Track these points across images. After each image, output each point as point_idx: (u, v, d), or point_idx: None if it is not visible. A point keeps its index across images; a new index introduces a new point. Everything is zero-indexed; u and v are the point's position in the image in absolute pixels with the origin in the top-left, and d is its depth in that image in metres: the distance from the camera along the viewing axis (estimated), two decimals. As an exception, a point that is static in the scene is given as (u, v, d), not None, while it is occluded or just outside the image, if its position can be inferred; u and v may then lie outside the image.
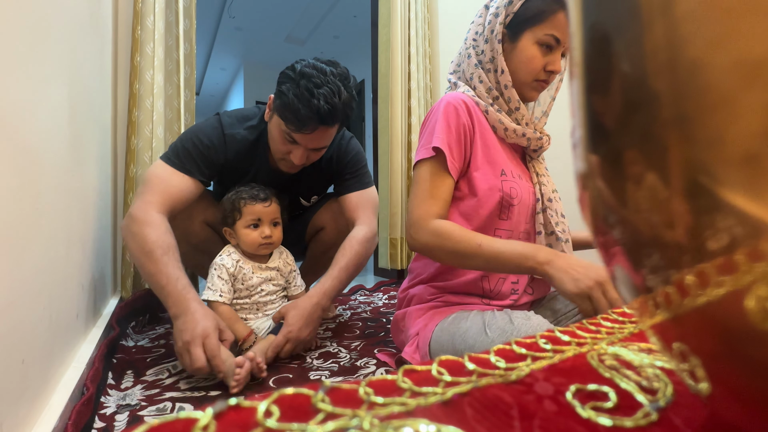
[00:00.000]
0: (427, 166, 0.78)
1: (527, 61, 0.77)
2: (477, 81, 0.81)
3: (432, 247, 0.74)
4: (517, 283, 0.81)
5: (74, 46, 0.84)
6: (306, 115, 0.92)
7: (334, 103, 0.92)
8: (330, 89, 0.92)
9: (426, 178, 0.77)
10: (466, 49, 0.84)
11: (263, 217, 0.97)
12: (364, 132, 4.64)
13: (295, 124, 0.94)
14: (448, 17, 2.15)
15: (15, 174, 0.50)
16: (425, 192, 0.77)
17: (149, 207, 0.90)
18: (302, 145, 1.00)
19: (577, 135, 0.15)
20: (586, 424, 0.16)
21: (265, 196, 0.99)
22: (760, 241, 0.09)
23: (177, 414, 0.14)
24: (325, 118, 0.93)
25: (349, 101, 0.97)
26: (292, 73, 0.95)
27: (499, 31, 0.78)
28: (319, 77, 0.92)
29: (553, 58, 0.77)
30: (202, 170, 1.01)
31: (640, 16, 0.11)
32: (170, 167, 0.97)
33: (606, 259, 0.15)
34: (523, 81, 0.79)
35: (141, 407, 0.70)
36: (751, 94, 0.09)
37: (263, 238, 0.96)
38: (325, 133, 0.98)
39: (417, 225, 0.76)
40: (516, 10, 0.77)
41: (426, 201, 0.76)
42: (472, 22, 0.84)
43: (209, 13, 4.22)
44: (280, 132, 0.99)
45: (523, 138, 0.82)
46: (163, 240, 0.87)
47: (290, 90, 0.93)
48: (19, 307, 0.50)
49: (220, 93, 6.69)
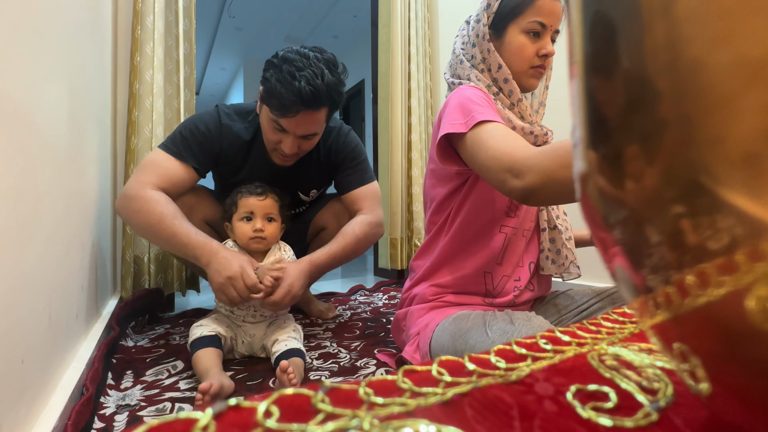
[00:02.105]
0: (482, 130, 0.68)
1: (518, 51, 0.77)
2: (475, 80, 0.81)
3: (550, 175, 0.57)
4: (519, 281, 0.82)
5: (74, 45, 0.84)
6: (288, 99, 0.91)
7: (317, 84, 0.91)
8: (312, 72, 0.92)
9: (491, 133, 0.66)
10: (456, 56, 0.84)
11: (256, 210, 0.95)
12: (364, 132, 4.63)
13: (279, 109, 0.94)
14: (448, 17, 2.15)
15: (15, 174, 0.50)
16: (508, 139, 0.64)
17: (144, 185, 0.93)
18: (290, 133, 0.99)
19: (577, 134, 0.15)
20: (586, 425, 0.16)
21: (261, 191, 0.97)
22: (760, 241, 0.09)
23: (177, 414, 0.14)
24: (308, 100, 0.92)
25: (333, 84, 0.95)
26: (276, 60, 0.95)
27: (485, 32, 0.78)
28: (302, 61, 0.93)
29: (544, 43, 0.77)
30: (198, 157, 1.02)
31: (641, 15, 0.11)
32: (166, 153, 1.00)
33: (606, 259, 0.15)
34: (519, 71, 0.79)
35: (140, 407, 0.70)
36: (752, 94, 0.09)
37: (254, 231, 0.94)
38: (310, 117, 0.97)
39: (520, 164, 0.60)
40: (495, 9, 0.77)
41: (514, 142, 0.64)
42: (457, 36, 0.85)
43: (209, 13, 4.22)
44: (269, 121, 1.00)
45: (530, 135, 0.82)
46: (169, 208, 0.91)
47: (273, 75, 0.93)
48: (19, 307, 0.50)
49: (220, 93, 6.69)
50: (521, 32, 0.76)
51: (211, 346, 0.85)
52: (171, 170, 0.98)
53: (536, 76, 0.80)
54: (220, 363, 0.83)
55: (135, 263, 1.35)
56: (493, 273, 0.80)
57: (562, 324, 0.85)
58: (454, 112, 0.73)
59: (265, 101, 0.98)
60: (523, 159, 0.61)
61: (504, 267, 0.80)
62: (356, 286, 1.78)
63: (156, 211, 0.89)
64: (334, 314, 1.32)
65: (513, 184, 0.61)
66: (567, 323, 0.80)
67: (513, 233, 0.79)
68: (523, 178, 0.60)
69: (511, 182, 0.62)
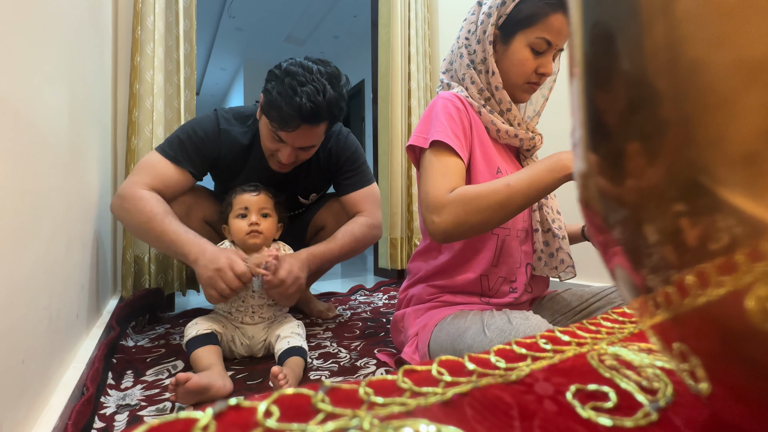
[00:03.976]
0: (433, 153, 0.75)
1: (519, 63, 0.77)
2: (469, 82, 0.81)
3: (462, 218, 0.68)
4: (515, 282, 0.81)
5: (74, 46, 0.84)
6: (288, 113, 0.92)
7: (318, 101, 0.92)
8: (314, 87, 0.92)
9: (434, 162, 0.74)
10: (459, 48, 0.83)
11: (250, 206, 0.96)
12: (364, 132, 4.64)
13: (279, 122, 0.95)
14: (448, 17, 2.15)
15: (15, 174, 0.50)
16: (438, 173, 0.72)
17: (137, 186, 0.95)
18: (289, 144, 1.00)
19: (577, 135, 0.15)
20: (586, 425, 0.16)
21: (254, 188, 0.98)
22: (760, 241, 0.09)
23: (177, 414, 0.14)
24: (308, 116, 0.92)
25: (335, 100, 0.95)
26: (278, 71, 0.95)
27: (491, 32, 0.77)
28: (305, 75, 0.92)
29: (545, 61, 0.77)
30: (193, 162, 1.03)
31: (641, 15, 0.11)
32: (161, 156, 1.01)
33: (606, 259, 0.15)
34: (515, 83, 0.79)
35: (141, 407, 0.70)
36: (752, 94, 0.09)
37: (249, 226, 0.94)
38: (309, 131, 0.98)
39: (436, 205, 0.70)
40: (509, 11, 0.76)
41: (440, 180, 0.72)
42: (465, 20, 0.84)
43: (209, 13, 4.22)
44: (267, 130, 1.00)
45: (515, 139, 0.83)
46: (159, 207, 0.92)
47: (275, 88, 0.93)
48: (19, 307, 0.50)
49: (220, 93, 6.69)
50: (526, 45, 0.76)
51: (208, 344, 0.84)
52: (165, 173, 0.99)
53: (528, 92, 0.81)
54: (220, 361, 0.83)
55: (135, 263, 1.35)
56: (489, 275, 0.80)
57: (561, 324, 0.85)
58: (424, 123, 0.78)
59: (264, 112, 0.98)
60: (433, 202, 0.70)
61: (499, 269, 0.80)
62: (356, 286, 1.78)
63: (146, 209, 0.90)
64: (334, 314, 1.32)
65: (433, 225, 0.70)
66: (566, 323, 0.80)
67: (506, 234, 0.79)
68: (438, 222, 0.69)
69: (431, 222, 0.71)
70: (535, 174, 0.66)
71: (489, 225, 0.69)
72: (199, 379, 0.68)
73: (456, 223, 0.68)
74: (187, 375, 0.67)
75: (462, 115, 0.77)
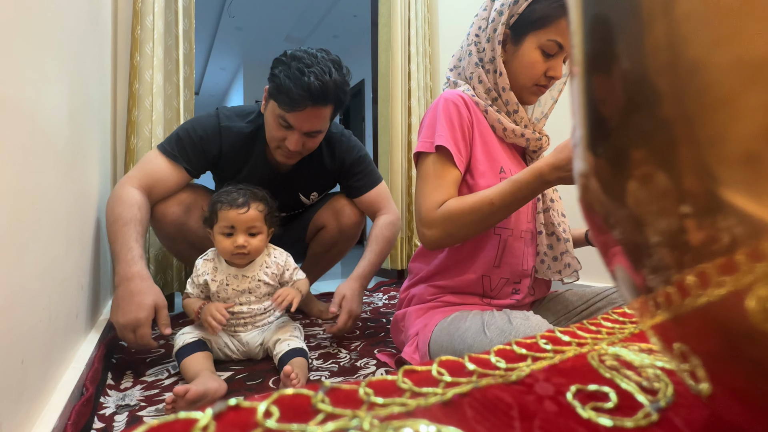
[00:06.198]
0: (431, 161, 0.76)
1: (529, 65, 0.77)
2: (476, 81, 0.81)
3: (448, 231, 0.73)
4: (519, 283, 0.81)
5: (74, 45, 0.84)
6: (298, 94, 0.94)
7: (325, 80, 0.94)
8: (321, 68, 0.95)
9: (430, 171, 0.76)
10: (468, 45, 0.83)
11: (237, 225, 0.88)
12: (364, 132, 4.63)
13: (288, 104, 0.96)
14: (448, 17, 2.15)
15: (15, 174, 0.50)
16: (431, 185, 0.75)
17: (127, 182, 0.97)
18: (296, 129, 1.01)
19: (577, 134, 0.15)
20: (586, 425, 0.16)
21: (243, 202, 0.89)
22: (760, 241, 0.09)
23: (176, 414, 0.14)
24: (317, 95, 0.94)
25: (340, 83, 0.98)
26: (284, 58, 0.98)
27: (502, 31, 0.77)
28: (310, 59, 0.96)
29: (555, 64, 0.76)
30: (189, 159, 1.05)
31: (641, 15, 0.11)
32: (159, 152, 1.03)
33: (606, 259, 0.15)
34: (523, 85, 0.79)
35: (140, 407, 0.70)
36: (752, 93, 0.09)
37: (235, 247, 0.88)
38: (317, 113, 0.99)
39: (426, 220, 0.74)
40: (521, 11, 0.75)
41: (431, 194, 0.75)
42: (476, 15, 0.82)
43: (209, 13, 4.22)
44: (274, 117, 1.01)
45: (522, 138, 0.82)
46: (128, 213, 0.92)
47: (282, 72, 0.95)
48: (18, 307, 0.50)
49: (220, 93, 6.69)
50: (537, 47, 0.75)
51: (197, 351, 0.83)
52: (158, 169, 1.01)
53: (536, 94, 0.81)
54: (210, 365, 0.82)
55: (135, 263, 1.35)
56: (491, 276, 0.79)
57: (562, 324, 0.85)
58: (429, 127, 0.79)
59: (273, 96, 1.00)
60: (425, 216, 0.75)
61: (502, 269, 0.79)
62: (356, 286, 1.77)
63: (116, 211, 0.91)
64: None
65: (424, 238, 0.76)
66: (567, 323, 0.80)
67: (509, 235, 0.79)
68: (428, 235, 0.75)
69: (422, 234, 0.76)
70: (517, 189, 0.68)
71: (475, 235, 0.76)
72: (196, 388, 0.68)
73: (443, 236, 0.74)
74: (185, 387, 0.66)
75: (462, 117, 0.77)
